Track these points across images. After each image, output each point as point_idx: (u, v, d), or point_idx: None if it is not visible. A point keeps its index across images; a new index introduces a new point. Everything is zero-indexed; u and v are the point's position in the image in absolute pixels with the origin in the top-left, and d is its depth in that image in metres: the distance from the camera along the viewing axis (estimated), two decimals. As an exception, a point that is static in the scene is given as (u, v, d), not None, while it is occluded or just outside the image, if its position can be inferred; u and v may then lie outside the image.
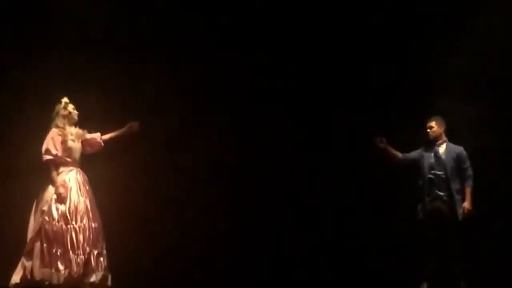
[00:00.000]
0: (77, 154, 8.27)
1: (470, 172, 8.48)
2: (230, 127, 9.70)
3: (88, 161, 8.48)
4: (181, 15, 9.63)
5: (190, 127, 9.66)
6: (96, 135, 8.48)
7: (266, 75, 9.75)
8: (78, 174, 8.22)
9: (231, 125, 9.72)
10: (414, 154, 8.74)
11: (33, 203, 8.12)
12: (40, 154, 8.10)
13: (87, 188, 8.23)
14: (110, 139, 8.52)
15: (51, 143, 8.10)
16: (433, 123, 8.62)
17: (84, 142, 8.40)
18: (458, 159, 8.51)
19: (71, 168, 8.19)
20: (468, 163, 8.50)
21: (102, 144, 8.50)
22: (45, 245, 7.88)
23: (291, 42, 9.78)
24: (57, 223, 7.93)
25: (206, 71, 9.63)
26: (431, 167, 8.55)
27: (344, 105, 9.72)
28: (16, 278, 7.94)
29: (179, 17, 9.63)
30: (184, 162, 9.61)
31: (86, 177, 8.30)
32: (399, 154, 8.75)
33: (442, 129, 8.62)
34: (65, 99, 8.29)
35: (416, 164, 8.69)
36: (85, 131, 8.40)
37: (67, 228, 7.94)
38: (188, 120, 9.67)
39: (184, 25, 9.64)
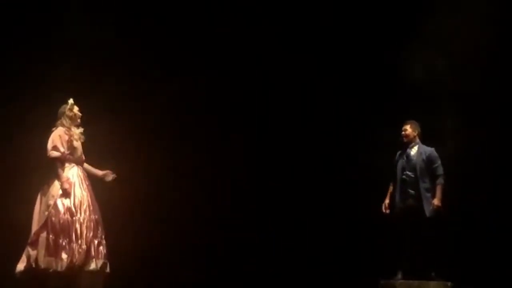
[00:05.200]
0: (79, 153, 8.54)
1: (440, 171, 8.77)
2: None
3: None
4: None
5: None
6: (82, 156, 8.65)
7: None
8: (79, 170, 8.52)
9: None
10: (394, 169, 9.00)
11: (35, 198, 8.43)
12: (46, 151, 8.33)
13: (87, 183, 8.53)
14: (87, 170, 8.69)
15: (59, 141, 8.37)
16: (407, 127, 8.91)
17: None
18: (428, 160, 8.79)
19: (73, 164, 8.49)
20: (438, 163, 8.78)
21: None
22: (51, 236, 8.20)
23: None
24: (63, 216, 8.26)
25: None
26: (403, 169, 8.88)
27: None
28: (20, 266, 8.27)
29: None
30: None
31: (85, 173, 8.59)
32: (391, 189, 9.03)
33: (416, 132, 8.91)
34: (71, 101, 8.52)
35: None
36: (83, 137, 8.59)
37: (73, 220, 8.27)
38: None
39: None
